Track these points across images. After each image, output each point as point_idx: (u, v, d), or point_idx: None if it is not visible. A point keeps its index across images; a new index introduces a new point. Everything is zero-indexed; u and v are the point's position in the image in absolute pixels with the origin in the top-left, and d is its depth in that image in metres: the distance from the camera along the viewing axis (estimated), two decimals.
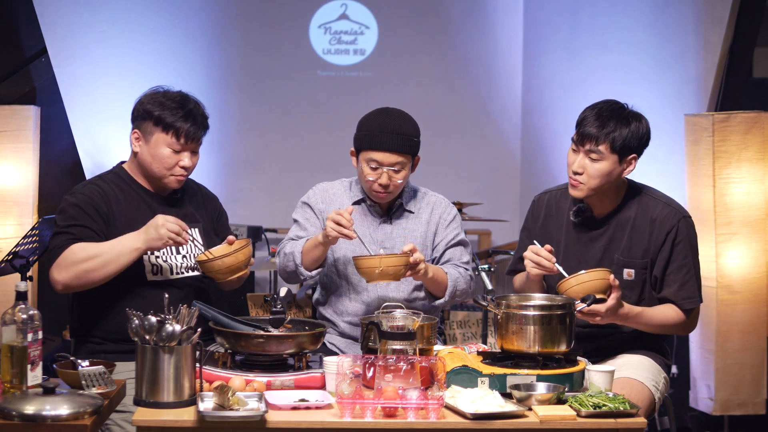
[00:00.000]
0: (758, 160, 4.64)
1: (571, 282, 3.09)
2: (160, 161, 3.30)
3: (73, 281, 3.17)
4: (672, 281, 3.28)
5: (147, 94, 3.36)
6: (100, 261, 3.14)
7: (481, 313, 5.13)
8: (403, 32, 6.63)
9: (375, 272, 3.20)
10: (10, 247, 3.77)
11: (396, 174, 3.40)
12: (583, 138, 3.24)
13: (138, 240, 3.16)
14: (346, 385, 2.62)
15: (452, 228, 3.56)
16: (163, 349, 2.60)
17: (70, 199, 3.28)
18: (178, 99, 3.32)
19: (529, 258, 3.23)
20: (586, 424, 2.61)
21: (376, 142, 3.38)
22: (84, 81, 5.78)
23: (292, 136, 6.55)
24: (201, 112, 3.34)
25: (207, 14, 6.35)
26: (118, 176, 3.39)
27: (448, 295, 3.45)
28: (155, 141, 3.29)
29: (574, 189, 3.30)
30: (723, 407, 4.68)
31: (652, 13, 5.41)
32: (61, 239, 3.20)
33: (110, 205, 3.28)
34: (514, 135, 6.69)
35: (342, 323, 3.53)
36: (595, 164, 3.24)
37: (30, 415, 2.40)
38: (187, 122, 3.28)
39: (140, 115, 3.32)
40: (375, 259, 3.21)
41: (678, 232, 3.28)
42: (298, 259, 3.42)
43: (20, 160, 4.74)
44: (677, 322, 3.28)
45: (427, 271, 3.33)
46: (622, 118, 3.25)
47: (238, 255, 3.22)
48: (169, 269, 3.32)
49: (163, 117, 3.27)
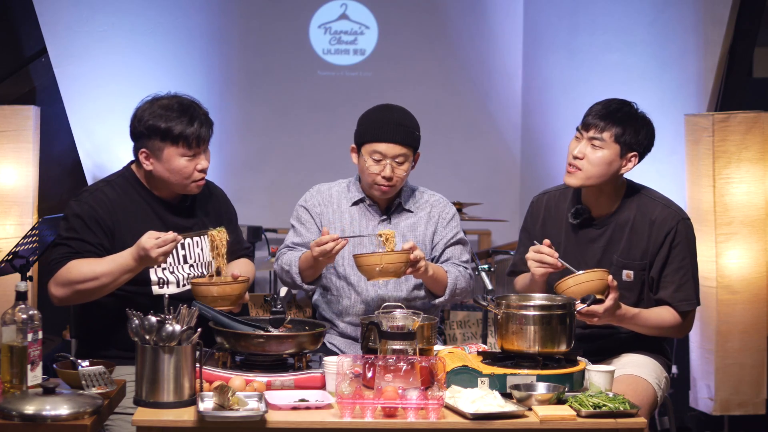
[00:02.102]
0: (758, 160, 4.64)
1: (569, 282, 3.09)
2: (178, 173, 3.21)
3: (70, 299, 3.16)
4: (669, 283, 3.28)
5: (141, 108, 3.24)
6: (96, 283, 3.10)
7: (481, 313, 5.13)
8: (403, 32, 6.63)
9: (375, 270, 3.19)
10: (10, 247, 3.77)
11: (399, 166, 3.41)
12: (588, 124, 3.25)
13: (133, 262, 3.09)
14: (346, 385, 2.62)
15: (451, 227, 3.57)
16: (163, 349, 2.60)
17: (75, 208, 3.21)
18: (176, 106, 3.22)
19: (531, 258, 3.23)
20: (586, 424, 2.61)
21: (379, 134, 3.39)
22: (84, 81, 5.78)
23: (292, 136, 6.55)
24: (202, 111, 3.26)
25: (207, 14, 6.35)
26: (127, 181, 3.30)
27: (448, 294, 3.45)
28: (167, 156, 3.20)
29: (570, 176, 3.29)
30: (723, 407, 4.68)
31: (652, 12, 5.41)
32: (61, 252, 3.17)
33: (116, 216, 3.21)
34: (514, 135, 6.69)
35: (342, 323, 3.53)
36: (596, 151, 3.24)
37: (30, 415, 2.40)
38: (193, 126, 3.19)
39: (143, 133, 3.21)
40: (375, 256, 3.20)
41: (677, 233, 3.28)
42: (296, 278, 3.43)
43: (20, 160, 4.74)
44: (673, 325, 3.27)
45: (427, 269, 3.33)
46: (630, 114, 3.27)
47: (226, 288, 3.12)
48: (175, 282, 3.28)
49: (171, 129, 3.17)
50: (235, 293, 3.15)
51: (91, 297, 3.15)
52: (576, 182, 3.29)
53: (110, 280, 3.10)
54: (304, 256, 3.40)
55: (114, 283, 3.11)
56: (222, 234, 3.25)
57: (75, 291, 3.13)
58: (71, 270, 3.12)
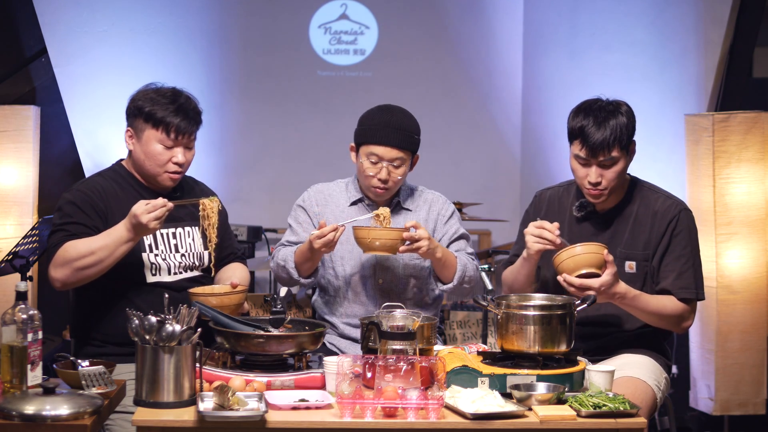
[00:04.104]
0: (758, 160, 4.64)
1: (563, 255, 3.09)
2: (152, 158, 3.26)
3: (70, 278, 3.16)
4: (670, 271, 3.28)
5: (139, 90, 3.33)
6: (94, 258, 3.12)
7: (481, 313, 5.13)
8: (403, 32, 6.62)
9: (366, 242, 3.24)
10: (10, 247, 3.78)
11: (396, 170, 3.41)
12: (594, 151, 3.22)
13: (128, 233, 3.12)
14: (346, 385, 2.62)
15: (451, 223, 3.57)
16: (163, 349, 2.60)
17: (67, 197, 3.27)
18: (170, 94, 3.28)
19: (531, 233, 3.22)
20: (586, 424, 2.61)
21: (377, 137, 3.39)
22: (84, 81, 5.78)
23: (292, 136, 6.55)
24: (193, 106, 3.30)
25: (207, 14, 6.35)
26: (116, 173, 3.36)
27: (456, 279, 3.43)
28: (146, 138, 3.26)
29: (597, 199, 3.29)
30: (723, 407, 4.69)
31: (653, 12, 5.41)
32: (57, 237, 3.20)
33: (108, 202, 3.26)
34: (514, 135, 6.69)
35: (341, 324, 3.53)
36: (611, 169, 3.25)
37: (30, 415, 2.40)
38: (178, 117, 3.24)
39: (132, 113, 3.29)
40: (369, 229, 3.25)
41: (678, 222, 3.29)
42: (293, 272, 3.44)
43: (20, 160, 4.74)
44: (673, 313, 3.26)
45: (435, 251, 3.33)
46: (613, 113, 3.25)
47: (224, 299, 3.15)
48: (167, 269, 3.30)
49: (154, 113, 3.23)
50: (233, 303, 3.17)
51: (90, 275, 3.15)
52: (605, 202, 3.31)
53: (107, 253, 3.12)
54: (300, 249, 3.41)
55: (111, 257, 3.12)
56: (214, 203, 3.32)
57: (74, 269, 3.14)
58: (68, 249, 3.14)
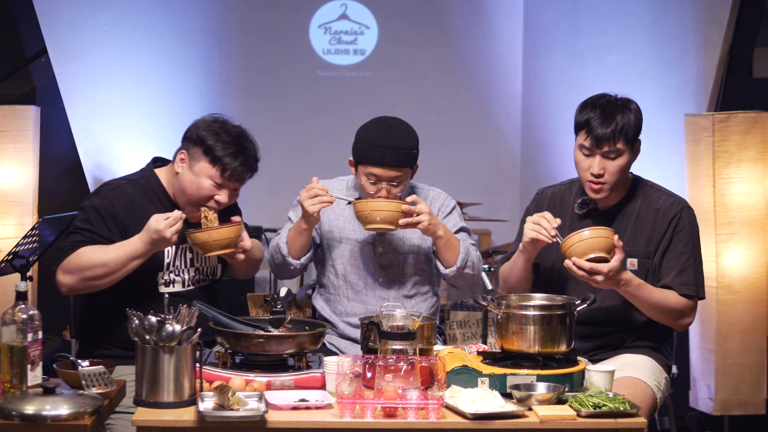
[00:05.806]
0: (758, 160, 4.64)
1: (574, 239, 3.09)
2: (197, 190, 3.23)
3: (77, 285, 3.16)
4: (671, 268, 3.28)
5: (205, 119, 3.29)
6: (105, 269, 3.11)
7: (481, 313, 5.13)
8: (403, 32, 6.63)
9: (364, 214, 3.26)
10: (10, 247, 3.77)
11: (395, 187, 3.40)
12: (599, 141, 3.23)
13: (144, 247, 3.10)
14: (346, 385, 2.62)
15: (452, 217, 3.56)
16: (163, 349, 2.61)
17: (94, 202, 3.23)
18: (235, 134, 3.25)
19: (531, 220, 3.22)
20: (586, 424, 2.61)
21: (375, 158, 3.36)
22: (84, 81, 5.78)
23: (292, 136, 6.55)
24: (254, 153, 3.28)
25: (207, 14, 6.35)
26: (149, 183, 3.31)
27: (460, 261, 3.42)
28: (199, 169, 3.22)
29: (598, 192, 3.29)
30: (723, 407, 4.68)
31: (652, 12, 5.41)
32: (73, 239, 3.18)
33: (132, 216, 3.21)
34: (514, 135, 6.69)
35: (341, 324, 3.53)
36: (614, 162, 3.25)
37: (30, 415, 2.40)
38: (237, 161, 3.21)
39: (191, 139, 3.24)
40: (366, 201, 3.28)
41: (680, 220, 3.30)
42: (284, 250, 3.44)
43: (20, 160, 4.74)
44: (675, 307, 3.25)
45: (436, 227, 3.33)
46: (621, 108, 3.26)
47: (221, 231, 3.17)
48: (181, 282, 3.30)
49: (214, 149, 3.20)
50: (232, 234, 3.19)
51: (98, 285, 3.15)
52: (605, 197, 3.31)
53: (119, 266, 3.11)
54: (292, 229, 3.43)
55: (122, 270, 3.12)
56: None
57: (83, 278, 3.13)
58: (80, 256, 3.13)
